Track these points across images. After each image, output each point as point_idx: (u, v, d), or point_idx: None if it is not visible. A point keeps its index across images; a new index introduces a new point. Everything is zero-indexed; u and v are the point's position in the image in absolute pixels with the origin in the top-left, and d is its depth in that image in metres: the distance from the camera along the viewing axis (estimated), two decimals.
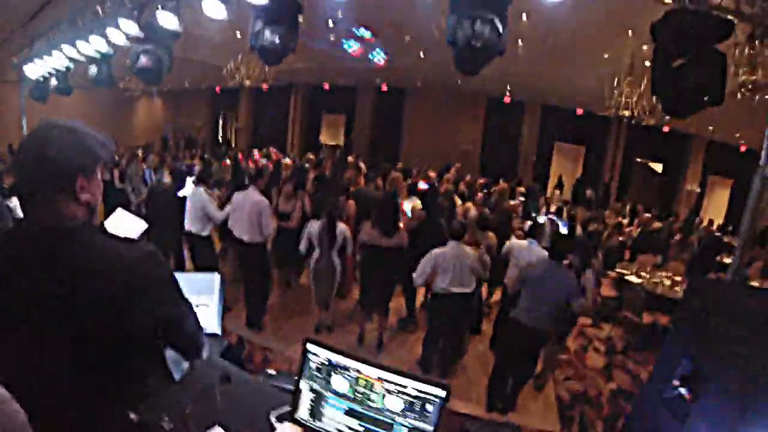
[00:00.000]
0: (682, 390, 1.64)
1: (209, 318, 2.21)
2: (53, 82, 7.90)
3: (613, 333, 6.38)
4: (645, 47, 7.74)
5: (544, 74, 11.37)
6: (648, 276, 6.99)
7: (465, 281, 4.43)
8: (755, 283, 6.32)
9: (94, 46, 5.92)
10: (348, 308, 6.08)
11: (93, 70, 6.60)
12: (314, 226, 5.07)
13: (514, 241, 5.48)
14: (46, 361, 1.12)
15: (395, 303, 6.13)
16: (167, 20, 4.80)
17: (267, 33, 4.04)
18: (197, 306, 2.25)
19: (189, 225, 5.52)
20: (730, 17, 3.14)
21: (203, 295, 2.27)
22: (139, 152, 11.74)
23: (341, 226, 5.06)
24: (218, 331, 2.22)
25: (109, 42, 5.68)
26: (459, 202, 7.87)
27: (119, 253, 1.17)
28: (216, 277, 2.36)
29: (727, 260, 9.50)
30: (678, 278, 7.12)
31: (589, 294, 4.87)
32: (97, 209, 1.28)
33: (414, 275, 4.54)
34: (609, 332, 6.43)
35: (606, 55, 8.57)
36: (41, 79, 8.03)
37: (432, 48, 11.25)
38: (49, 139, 1.15)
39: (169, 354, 1.59)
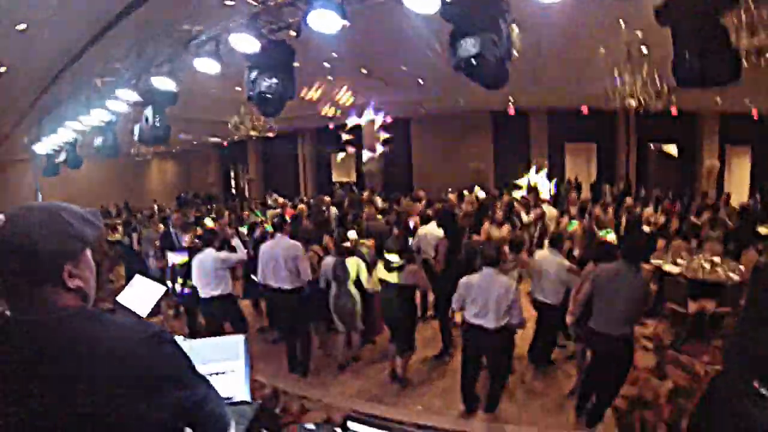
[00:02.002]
0: (764, 390, 1.51)
1: (237, 384, 2.11)
2: (62, 156, 8.16)
3: (659, 328, 6.13)
4: (639, 33, 7.69)
5: (543, 79, 11.36)
6: (685, 263, 6.74)
7: (492, 314, 4.03)
8: None
9: (96, 117, 6.13)
10: (383, 346, 5.95)
11: (99, 140, 6.83)
12: (328, 262, 5.09)
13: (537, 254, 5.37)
14: None
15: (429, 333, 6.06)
16: (163, 84, 4.93)
17: (262, 83, 4.07)
18: (223, 373, 2.15)
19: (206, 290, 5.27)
20: None
21: (229, 361, 2.17)
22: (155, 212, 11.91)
23: (353, 259, 5.10)
24: (247, 397, 2.10)
25: (109, 111, 5.86)
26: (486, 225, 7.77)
27: (116, 342, 1.07)
28: (240, 340, 2.25)
29: (763, 231, 9.14)
30: (716, 259, 6.86)
31: None
32: (91, 294, 1.18)
33: (453, 301, 4.39)
34: (654, 328, 6.17)
35: (602, 49, 8.53)
36: (51, 154, 8.31)
37: (429, 72, 11.40)
38: (26, 228, 1.05)
39: None
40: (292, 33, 4.22)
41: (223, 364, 2.13)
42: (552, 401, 4.69)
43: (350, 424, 1.52)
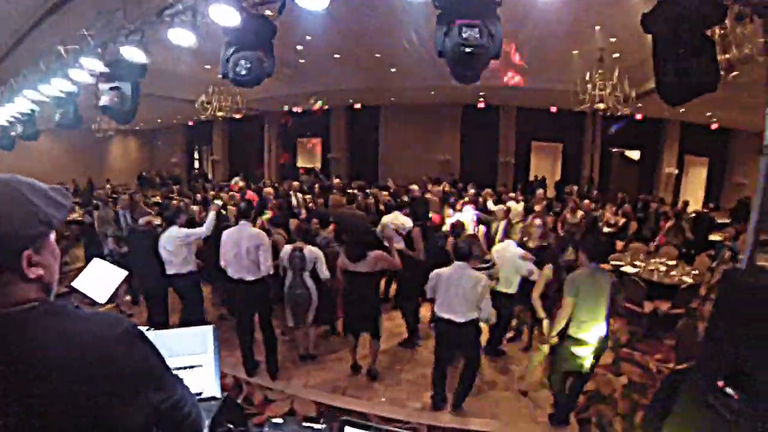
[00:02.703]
0: (729, 389, 1.57)
1: (206, 379, 1.93)
2: (19, 128, 7.69)
3: (616, 326, 6.34)
4: (612, 39, 7.89)
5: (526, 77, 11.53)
6: (642, 265, 7.00)
7: (461, 309, 4.04)
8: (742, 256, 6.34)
9: (57, 87, 5.75)
10: (337, 337, 5.92)
11: (59, 112, 6.41)
12: (286, 250, 4.94)
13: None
14: None
15: (392, 324, 6.06)
16: (133, 54, 4.64)
17: (241, 58, 3.88)
18: (192, 367, 1.96)
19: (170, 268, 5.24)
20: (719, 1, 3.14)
21: (197, 354, 2.00)
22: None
23: (312, 249, 4.92)
24: (218, 393, 1.94)
25: (72, 81, 5.52)
26: (449, 212, 7.81)
27: (87, 341, 0.94)
28: (209, 331, 2.07)
29: (714, 237, 9.61)
30: (672, 262, 7.16)
31: None
32: (54, 284, 1.04)
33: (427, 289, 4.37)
34: (611, 326, 6.37)
35: (575, 52, 8.70)
36: (6, 126, 7.82)
37: (403, 62, 11.36)
38: None
39: None
40: (269, 12, 4.09)
41: (191, 357, 1.97)
42: (509, 392, 4.79)
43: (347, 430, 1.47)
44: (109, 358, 0.94)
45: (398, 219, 6.15)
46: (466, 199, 8.72)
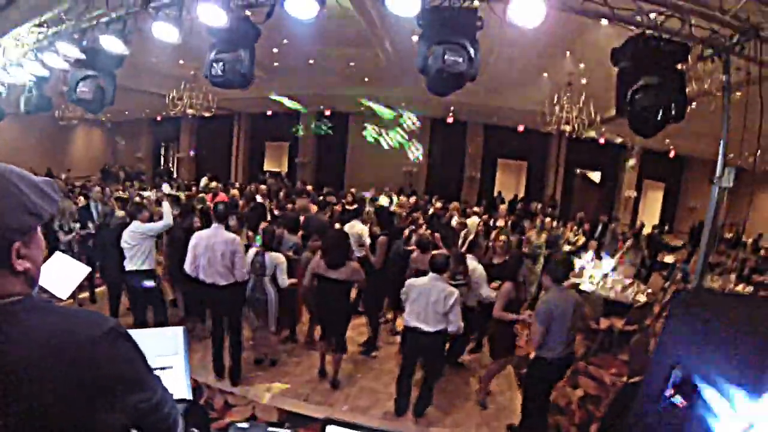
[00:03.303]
0: (676, 398, 1.70)
1: (177, 381, 1.86)
2: None
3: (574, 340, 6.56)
4: (582, 65, 8.23)
5: (486, 94, 11.82)
6: (600, 282, 7.29)
7: (430, 319, 4.15)
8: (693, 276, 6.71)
9: (29, 69, 5.52)
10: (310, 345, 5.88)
11: (27, 95, 6.13)
12: (249, 254, 4.93)
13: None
14: None
15: (353, 332, 6.09)
16: (112, 44, 4.49)
17: (225, 60, 3.85)
18: (162, 369, 1.85)
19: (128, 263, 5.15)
20: (684, 41, 3.38)
21: (167, 356, 1.94)
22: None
23: (273, 255, 4.91)
24: (188, 396, 1.89)
25: (45, 66, 5.31)
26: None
27: (72, 338, 0.92)
28: (179, 332, 2.01)
29: (668, 259, 10.11)
30: (627, 281, 7.48)
31: None
32: (38, 278, 1.02)
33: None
34: None
35: (545, 74, 9.02)
36: None
37: (375, 73, 11.49)
38: None
39: None
40: (250, 14, 4.09)
41: (162, 358, 1.91)
42: (470, 402, 4.89)
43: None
44: (93, 357, 0.92)
45: (355, 227, 6.21)
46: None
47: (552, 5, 3.28)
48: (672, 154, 16.43)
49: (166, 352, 1.96)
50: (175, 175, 20.63)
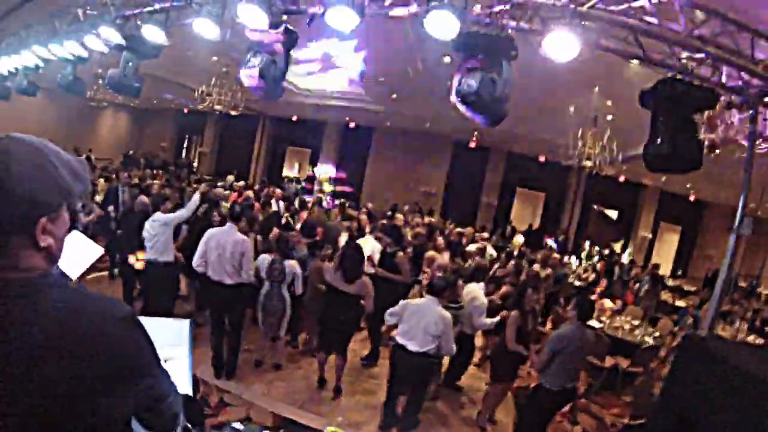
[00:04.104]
0: None
1: (179, 374, 1.83)
2: (18, 81, 7.53)
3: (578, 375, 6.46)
4: (609, 103, 8.21)
5: (511, 123, 11.80)
6: (608, 321, 7.19)
7: (418, 339, 4.16)
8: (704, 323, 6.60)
9: (68, 49, 5.66)
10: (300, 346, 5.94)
11: (64, 74, 6.32)
12: (265, 260, 4.97)
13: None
14: None
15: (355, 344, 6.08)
16: (154, 34, 4.62)
17: (263, 63, 3.90)
18: (166, 360, 1.97)
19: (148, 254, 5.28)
20: (713, 88, 3.38)
21: (173, 347, 1.92)
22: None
23: (293, 264, 4.98)
24: (190, 391, 1.87)
25: (85, 47, 5.45)
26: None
27: (92, 318, 0.94)
28: (186, 325, 2.01)
29: (680, 303, 9.95)
30: (636, 322, 7.38)
31: None
32: (59, 257, 1.02)
33: (387, 313, 4.47)
34: None
35: (572, 108, 9.00)
36: (5, 75, 7.65)
37: (405, 90, 11.53)
38: (8, 163, 0.88)
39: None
40: (288, 21, 4.14)
41: (167, 349, 1.85)
42: (468, 427, 4.84)
43: None
44: (109, 338, 0.94)
45: (369, 243, 6.20)
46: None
47: (586, 43, 3.31)
48: (692, 198, 16.23)
49: (171, 342, 1.93)
50: (195, 168, 20.92)
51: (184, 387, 1.85)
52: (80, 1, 5.39)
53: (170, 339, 1.94)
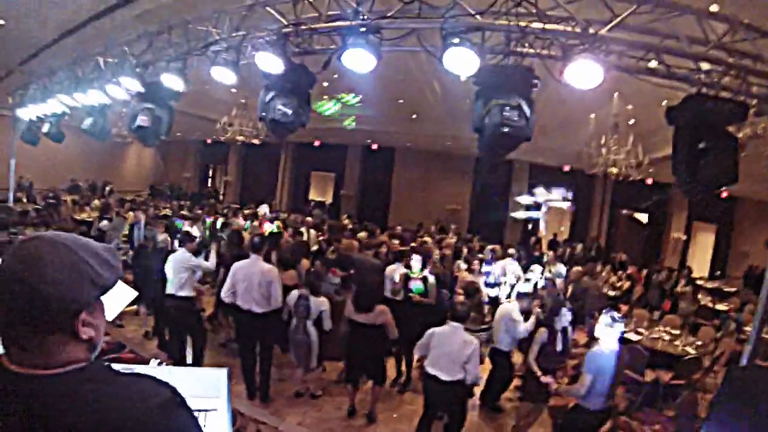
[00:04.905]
0: None
1: (218, 426, 1.84)
2: (46, 127, 7.86)
3: (616, 393, 6.26)
4: (629, 106, 8.09)
5: (533, 134, 11.71)
6: (646, 332, 6.96)
7: (447, 368, 4.12)
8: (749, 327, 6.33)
9: (92, 98, 5.91)
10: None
11: (88, 121, 6.58)
12: (293, 296, 5.06)
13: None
14: None
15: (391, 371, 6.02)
16: (172, 82, 4.81)
17: (279, 105, 3.99)
18: (205, 411, 1.84)
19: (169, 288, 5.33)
20: (743, 99, 3.27)
21: (210, 398, 1.92)
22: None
23: (319, 300, 5.03)
24: None
25: (107, 95, 5.67)
26: (463, 267, 7.74)
27: (131, 410, 0.93)
28: (223, 375, 2.02)
29: (720, 306, 9.54)
30: (675, 332, 7.12)
31: None
32: (100, 344, 1.03)
33: (416, 348, 4.46)
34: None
35: (592, 115, 8.90)
36: (34, 121, 8.00)
37: (424, 111, 11.58)
38: (40, 268, 0.90)
39: None
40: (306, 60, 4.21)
41: (204, 400, 1.88)
42: None
43: None
44: (147, 428, 0.93)
45: (397, 272, 6.07)
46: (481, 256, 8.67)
47: (608, 68, 3.23)
48: (724, 194, 15.67)
49: (209, 394, 1.94)
50: (221, 197, 21.33)
51: None
52: (100, 50, 5.62)
53: (208, 390, 1.95)
